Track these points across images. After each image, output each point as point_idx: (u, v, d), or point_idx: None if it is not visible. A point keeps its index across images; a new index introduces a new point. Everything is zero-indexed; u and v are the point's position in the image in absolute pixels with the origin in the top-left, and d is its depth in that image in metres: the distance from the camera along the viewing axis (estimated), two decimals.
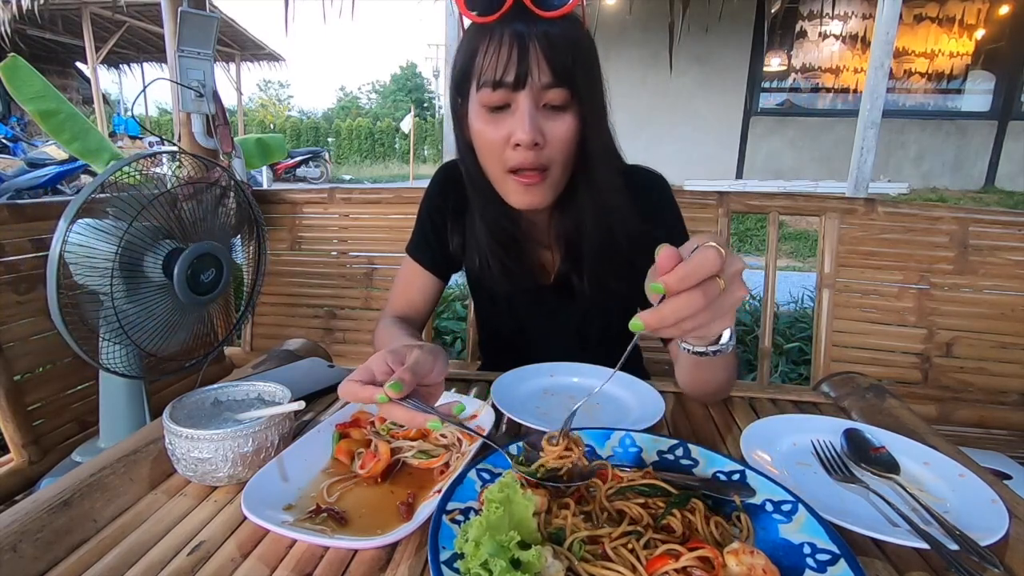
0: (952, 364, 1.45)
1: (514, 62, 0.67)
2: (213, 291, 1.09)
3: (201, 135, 1.70)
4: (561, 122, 0.71)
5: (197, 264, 1.04)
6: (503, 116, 0.71)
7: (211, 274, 1.06)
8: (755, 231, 5.71)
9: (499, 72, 0.67)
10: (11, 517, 0.49)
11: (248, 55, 11.71)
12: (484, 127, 0.72)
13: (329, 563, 0.47)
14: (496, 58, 0.67)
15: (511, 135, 0.70)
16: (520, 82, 0.67)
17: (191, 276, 1.03)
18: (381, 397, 0.49)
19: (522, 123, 0.68)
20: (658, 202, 0.88)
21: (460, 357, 2.44)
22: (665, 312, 0.42)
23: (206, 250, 1.05)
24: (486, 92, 0.69)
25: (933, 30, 7.42)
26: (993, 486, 0.56)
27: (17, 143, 7.34)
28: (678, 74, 6.32)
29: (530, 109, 0.68)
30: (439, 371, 0.56)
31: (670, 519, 0.46)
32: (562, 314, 0.95)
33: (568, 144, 0.72)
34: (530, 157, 0.70)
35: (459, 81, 0.74)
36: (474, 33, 0.71)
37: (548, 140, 0.71)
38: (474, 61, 0.70)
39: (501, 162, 0.73)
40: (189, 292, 1.04)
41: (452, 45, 3.69)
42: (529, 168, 0.71)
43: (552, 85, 0.68)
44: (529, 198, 0.75)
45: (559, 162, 0.73)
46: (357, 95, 43.69)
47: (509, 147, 0.71)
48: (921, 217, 1.46)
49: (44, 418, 1.20)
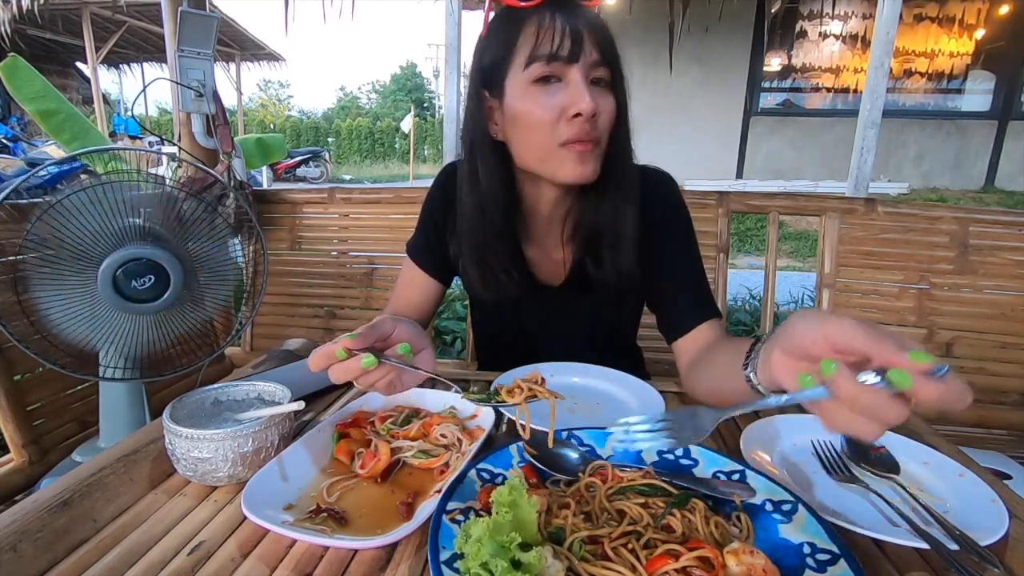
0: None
1: (568, 37, 0.69)
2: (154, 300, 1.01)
3: (201, 135, 1.70)
4: (607, 99, 0.73)
5: (130, 269, 0.98)
6: (554, 90, 0.71)
7: (148, 281, 0.99)
8: (755, 231, 5.71)
9: (555, 45, 0.69)
10: (11, 517, 0.49)
11: (248, 55, 11.70)
12: (533, 104, 0.72)
13: (329, 563, 0.47)
14: (550, 32, 0.69)
15: (566, 108, 0.70)
16: (575, 56, 0.70)
17: (123, 280, 0.98)
18: (340, 352, 0.53)
19: (582, 94, 0.69)
20: (665, 203, 0.88)
21: (460, 357, 2.44)
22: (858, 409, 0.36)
23: (141, 255, 0.98)
24: (538, 66, 0.71)
25: (933, 30, 7.42)
26: (993, 486, 0.56)
27: (17, 143, 7.34)
28: (678, 74, 6.32)
29: (586, 80, 0.70)
30: (403, 332, 0.59)
31: (670, 519, 0.46)
32: (573, 315, 0.95)
33: (612, 121, 0.74)
34: (587, 128, 0.71)
35: (490, 72, 0.75)
36: (510, 22, 0.73)
37: (599, 113, 0.72)
38: (513, 47, 0.72)
39: (553, 136, 0.73)
40: (116, 296, 0.98)
41: (452, 45, 3.69)
42: (587, 138, 0.72)
43: (600, 63, 0.71)
44: (583, 168, 0.74)
45: (604, 136, 0.75)
46: (357, 95, 43.71)
47: (564, 119, 0.71)
48: (921, 217, 1.46)
49: (44, 418, 1.20)
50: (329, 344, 0.55)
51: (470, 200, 0.82)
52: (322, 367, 0.54)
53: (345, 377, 0.55)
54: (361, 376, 0.54)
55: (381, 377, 0.55)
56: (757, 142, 7.83)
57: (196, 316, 1.11)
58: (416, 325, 0.63)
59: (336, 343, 0.54)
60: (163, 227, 1.04)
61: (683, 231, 0.88)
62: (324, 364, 0.54)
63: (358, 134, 19.19)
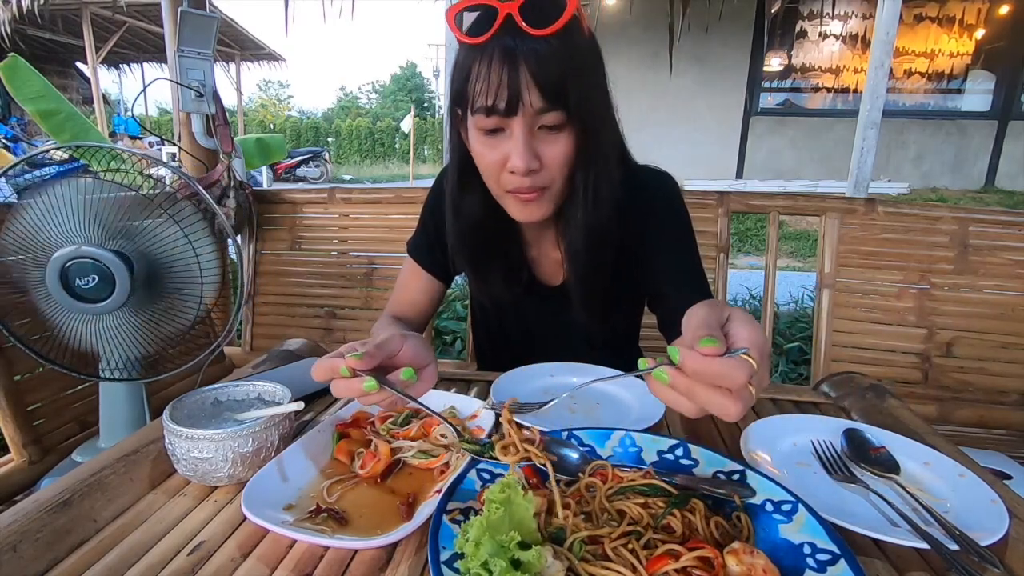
0: (952, 364, 1.45)
1: (505, 87, 0.65)
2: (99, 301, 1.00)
3: (201, 135, 1.70)
4: (557, 143, 0.70)
5: (75, 267, 0.98)
6: (500, 139, 0.70)
7: (91, 281, 0.98)
8: (755, 231, 5.71)
9: (491, 98, 0.66)
10: (11, 517, 0.49)
11: (248, 55, 11.70)
12: (482, 149, 0.72)
13: (329, 563, 0.47)
14: (487, 84, 0.65)
15: (507, 159, 0.69)
16: (512, 108, 0.66)
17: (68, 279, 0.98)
18: (344, 371, 0.52)
19: (517, 150, 0.67)
20: (663, 204, 0.88)
21: (460, 357, 2.44)
22: (684, 392, 0.43)
23: (83, 254, 0.98)
24: (480, 118, 0.69)
25: (933, 30, 7.42)
26: (993, 486, 0.55)
27: (17, 143, 7.34)
28: (678, 74, 6.31)
29: (524, 135, 0.67)
30: (410, 351, 0.58)
31: (670, 519, 0.46)
32: (571, 314, 0.95)
33: (565, 163, 0.72)
34: (526, 182, 0.70)
35: (456, 98, 0.74)
36: (467, 52, 0.69)
37: (545, 163, 0.70)
38: (467, 83, 0.68)
39: (500, 184, 0.73)
40: (65, 295, 0.99)
41: (452, 45, 3.69)
42: (525, 190, 0.72)
43: (545, 109, 0.66)
44: (528, 212, 0.75)
45: (558, 179, 0.73)
46: (357, 95, 43.72)
47: (505, 171, 0.71)
48: (921, 217, 1.46)
49: (44, 418, 1.20)
50: (334, 357, 0.54)
51: (457, 206, 0.82)
52: (325, 379, 0.54)
53: (346, 395, 0.55)
54: (363, 396, 0.54)
55: (382, 400, 0.55)
56: (757, 142, 7.84)
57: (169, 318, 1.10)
58: (423, 340, 0.62)
59: (341, 357, 0.54)
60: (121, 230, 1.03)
61: (683, 231, 0.88)
62: (327, 377, 0.54)
63: (358, 134, 19.18)
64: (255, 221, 1.73)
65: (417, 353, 0.59)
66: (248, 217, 1.70)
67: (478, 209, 0.81)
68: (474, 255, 0.85)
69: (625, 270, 0.86)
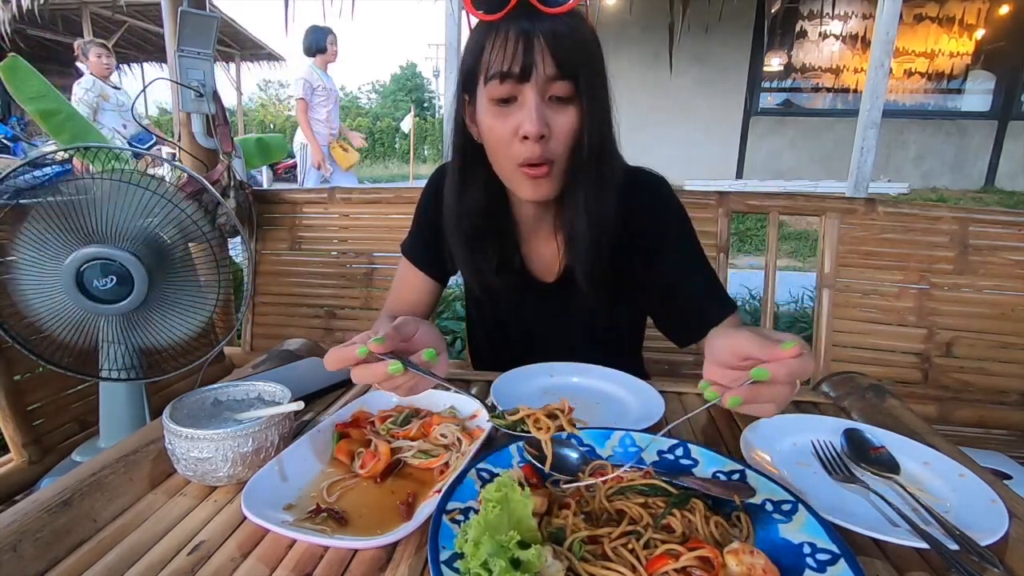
0: (952, 364, 1.45)
1: (520, 55, 0.68)
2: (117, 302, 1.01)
3: (201, 135, 1.70)
4: (566, 115, 0.72)
5: (91, 269, 0.98)
6: (510, 110, 0.72)
7: (110, 282, 0.99)
8: (755, 231, 5.70)
9: (506, 64, 0.69)
10: (11, 517, 0.49)
11: (248, 55, 11.69)
12: (493, 121, 0.73)
13: (329, 563, 0.47)
14: (503, 51, 0.69)
15: (519, 128, 0.71)
16: (526, 74, 0.69)
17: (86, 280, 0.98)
18: (362, 350, 0.53)
19: (529, 115, 0.69)
20: (660, 203, 0.88)
21: (460, 357, 2.44)
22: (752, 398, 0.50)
23: (102, 255, 0.98)
24: (493, 84, 0.71)
25: (933, 30, 7.41)
26: (993, 486, 0.55)
27: (17, 143, 7.34)
28: (678, 74, 6.32)
29: (536, 101, 0.70)
30: (424, 335, 0.60)
31: (670, 519, 0.46)
32: (568, 312, 0.95)
33: (572, 136, 0.73)
34: (537, 150, 0.71)
35: (467, 78, 0.76)
36: (481, 31, 0.73)
37: (553, 132, 0.72)
38: (481, 57, 0.72)
39: (511, 156, 0.74)
40: (80, 296, 0.99)
41: (452, 45, 3.69)
42: (536, 161, 0.73)
43: (557, 77, 0.69)
44: (537, 189, 0.76)
45: (563, 154, 0.74)
46: (357, 95, 43.67)
47: (517, 140, 0.72)
48: (921, 217, 1.46)
49: (44, 418, 1.20)
50: (348, 346, 0.55)
51: (456, 200, 0.83)
52: (340, 368, 0.55)
53: (369, 380, 0.55)
54: (385, 381, 0.54)
55: (405, 383, 0.56)
56: (757, 142, 7.83)
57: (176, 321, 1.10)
58: (433, 327, 0.64)
59: (354, 344, 0.55)
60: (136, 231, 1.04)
61: (684, 232, 0.88)
62: (342, 365, 0.54)
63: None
64: (255, 221, 1.73)
65: (431, 336, 0.61)
66: (248, 217, 1.70)
67: (479, 196, 0.82)
68: (469, 238, 0.86)
69: (627, 266, 0.86)
